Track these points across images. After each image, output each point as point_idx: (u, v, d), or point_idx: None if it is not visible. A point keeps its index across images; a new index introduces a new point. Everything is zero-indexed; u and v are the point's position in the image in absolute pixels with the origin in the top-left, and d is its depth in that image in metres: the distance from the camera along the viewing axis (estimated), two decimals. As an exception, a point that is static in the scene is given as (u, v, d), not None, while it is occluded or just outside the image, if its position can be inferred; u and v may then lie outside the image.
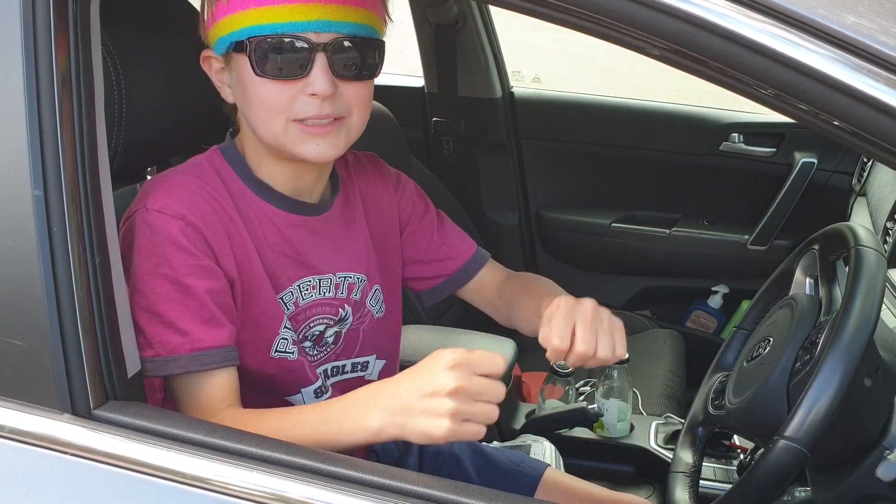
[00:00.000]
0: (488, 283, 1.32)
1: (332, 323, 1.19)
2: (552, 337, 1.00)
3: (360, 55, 1.04)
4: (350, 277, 1.19)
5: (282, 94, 1.03)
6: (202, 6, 1.08)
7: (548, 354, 1.01)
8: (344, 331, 1.20)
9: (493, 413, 0.91)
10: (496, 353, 0.93)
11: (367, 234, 1.24)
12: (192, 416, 1.02)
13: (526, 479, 1.38)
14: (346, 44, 1.02)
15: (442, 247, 1.31)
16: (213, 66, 1.10)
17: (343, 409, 0.97)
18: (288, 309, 1.13)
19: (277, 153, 1.09)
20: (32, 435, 0.89)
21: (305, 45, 1.00)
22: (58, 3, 0.86)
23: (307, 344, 1.17)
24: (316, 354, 1.18)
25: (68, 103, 0.88)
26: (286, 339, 1.13)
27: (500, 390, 0.91)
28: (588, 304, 1.03)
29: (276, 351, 1.12)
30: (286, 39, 1.00)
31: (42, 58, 0.86)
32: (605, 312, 1.04)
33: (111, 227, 0.94)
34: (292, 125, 1.04)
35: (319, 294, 1.16)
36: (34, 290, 0.88)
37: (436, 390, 0.89)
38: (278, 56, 1.01)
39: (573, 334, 1.00)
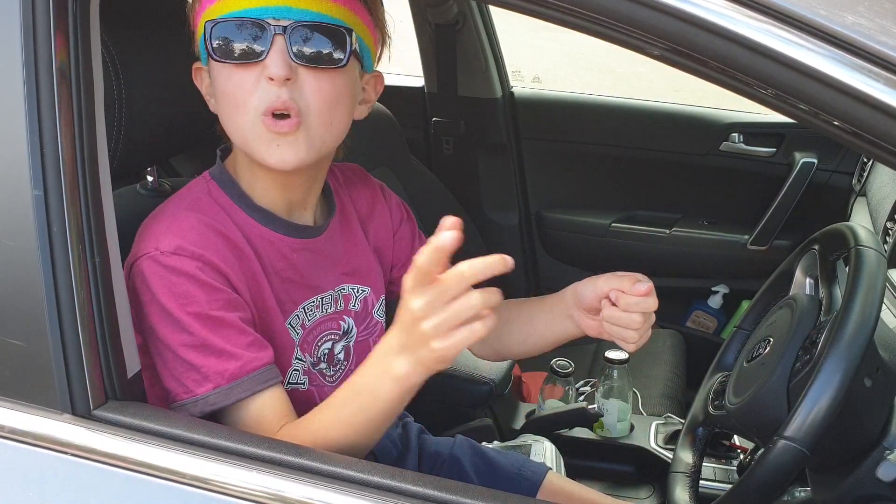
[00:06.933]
0: None
1: (337, 338, 1.18)
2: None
3: (321, 42, 1.01)
4: (345, 290, 1.19)
5: (243, 81, 1.00)
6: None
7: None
8: (351, 344, 1.20)
9: (471, 303, 0.86)
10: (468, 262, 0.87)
11: (367, 247, 1.23)
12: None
13: (527, 483, 1.38)
14: (307, 30, 1.00)
15: None
16: (203, 79, 1.10)
17: (367, 375, 0.95)
18: (297, 334, 1.12)
19: (256, 162, 1.06)
20: (32, 435, 0.89)
21: (261, 28, 0.99)
22: (58, 2, 0.86)
23: (322, 365, 1.16)
24: (333, 374, 1.18)
25: (68, 103, 0.88)
26: (297, 369, 1.13)
27: (459, 284, 0.85)
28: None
29: (289, 383, 1.12)
30: (242, 22, 0.99)
31: (42, 57, 0.86)
32: None
33: (111, 227, 0.94)
34: (258, 121, 1.01)
35: (323, 312, 1.16)
36: (34, 290, 0.88)
37: (413, 321, 0.87)
38: (235, 39, 0.99)
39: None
